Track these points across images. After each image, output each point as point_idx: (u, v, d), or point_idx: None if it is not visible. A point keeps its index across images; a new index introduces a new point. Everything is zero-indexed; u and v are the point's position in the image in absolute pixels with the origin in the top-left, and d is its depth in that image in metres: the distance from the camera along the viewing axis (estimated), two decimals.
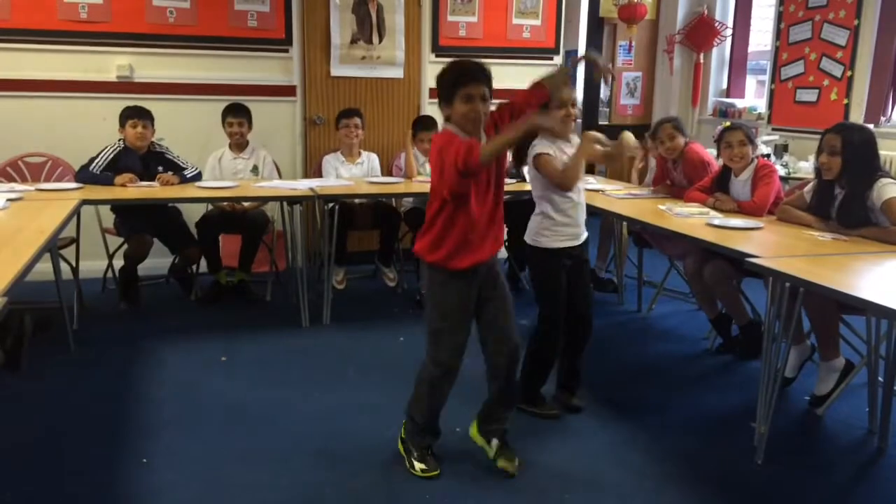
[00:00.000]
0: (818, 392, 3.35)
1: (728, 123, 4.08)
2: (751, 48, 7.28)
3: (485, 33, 5.76)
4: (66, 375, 3.56)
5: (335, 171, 5.00)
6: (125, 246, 4.54)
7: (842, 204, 3.29)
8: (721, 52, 7.46)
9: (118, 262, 4.61)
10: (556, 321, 3.14)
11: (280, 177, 5.00)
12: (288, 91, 5.44)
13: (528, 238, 3.16)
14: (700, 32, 7.43)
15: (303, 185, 4.50)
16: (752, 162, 3.88)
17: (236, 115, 4.78)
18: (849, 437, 3.13)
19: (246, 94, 5.20)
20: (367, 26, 5.48)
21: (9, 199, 3.61)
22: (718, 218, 3.56)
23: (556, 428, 3.13)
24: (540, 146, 3.01)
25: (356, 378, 3.60)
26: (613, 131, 3.21)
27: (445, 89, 2.53)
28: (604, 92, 8.00)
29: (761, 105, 6.71)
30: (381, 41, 5.53)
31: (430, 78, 5.69)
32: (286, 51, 5.37)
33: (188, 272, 4.82)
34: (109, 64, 5.05)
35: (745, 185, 3.88)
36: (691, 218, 3.63)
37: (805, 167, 5.53)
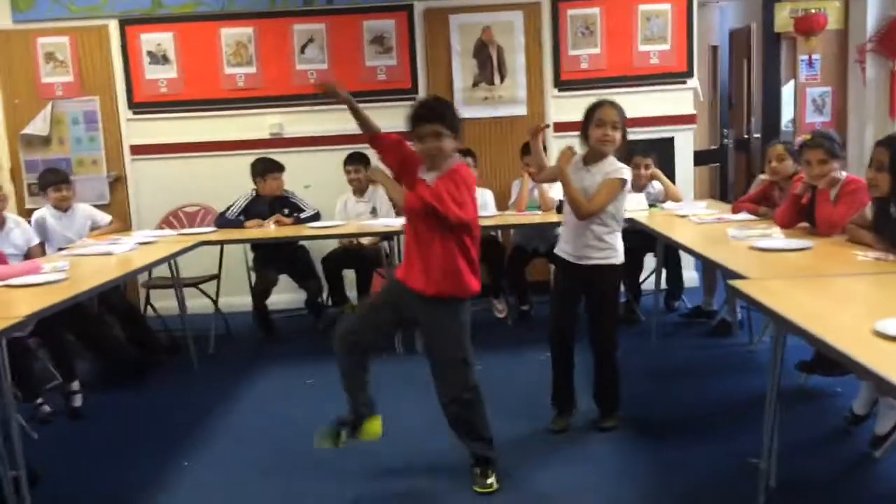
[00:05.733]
0: (878, 431, 2.96)
1: (809, 137, 3.64)
2: None
3: (608, 64, 5.71)
4: (179, 389, 4.26)
5: None
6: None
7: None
8: None
9: None
10: None
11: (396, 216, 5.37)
12: None
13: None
14: (894, 38, 6.66)
15: None
16: (838, 180, 3.49)
17: (353, 164, 5.27)
18: None
19: None
20: (489, 68, 5.72)
21: (137, 243, 4.33)
22: (766, 240, 3.29)
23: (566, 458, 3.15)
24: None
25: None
26: None
27: (409, 132, 2.77)
28: (789, 110, 7.43)
29: None
30: (502, 81, 5.73)
31: (554, 112, 5.76)
32: (413, 99, 5.76)
33: (320, 303, 5.34)
34: (263, 123, 5.81)
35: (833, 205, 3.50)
36: (746, 240, 3.38)
37: None
